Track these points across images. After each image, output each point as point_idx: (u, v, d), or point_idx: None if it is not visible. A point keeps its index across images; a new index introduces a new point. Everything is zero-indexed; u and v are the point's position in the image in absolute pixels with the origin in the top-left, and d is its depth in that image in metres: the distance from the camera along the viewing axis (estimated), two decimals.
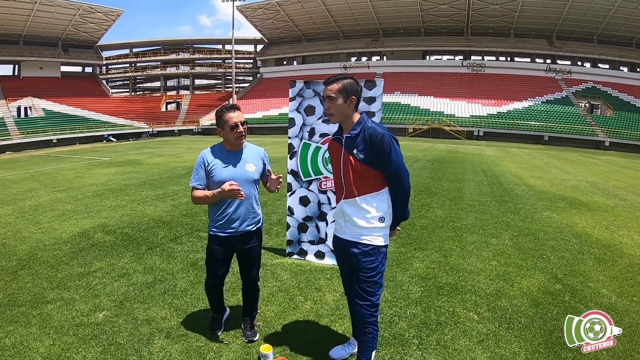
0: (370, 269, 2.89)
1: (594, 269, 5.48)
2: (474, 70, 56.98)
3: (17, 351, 3.43)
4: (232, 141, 3.33)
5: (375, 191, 2.88)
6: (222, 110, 3.34)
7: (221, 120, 3.32)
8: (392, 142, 2.80)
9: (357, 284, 2.93)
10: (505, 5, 50.84)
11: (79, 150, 30.92)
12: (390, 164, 2.79)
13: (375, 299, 2.94)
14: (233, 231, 3.38)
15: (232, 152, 3.39)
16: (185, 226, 7.41)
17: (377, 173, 2.85)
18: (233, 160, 3.35)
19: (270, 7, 58.87)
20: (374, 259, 2.90)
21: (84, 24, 56.70)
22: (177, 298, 4.40)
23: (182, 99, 64.04)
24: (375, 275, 2.91)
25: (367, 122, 2.88)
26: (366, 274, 2.89)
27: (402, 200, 2.92)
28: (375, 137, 2.77)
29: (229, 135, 3.30)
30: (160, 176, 14.00)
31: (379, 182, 2.88)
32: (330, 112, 2.91)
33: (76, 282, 4.86)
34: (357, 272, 2.93)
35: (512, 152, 28.06)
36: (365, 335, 2.98)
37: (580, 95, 50.06)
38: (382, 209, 2.89)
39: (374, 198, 2.88)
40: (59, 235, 6.94)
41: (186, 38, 71.25)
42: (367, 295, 2.91)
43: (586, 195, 11.15)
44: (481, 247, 6.32)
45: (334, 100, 2.86)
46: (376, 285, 2.93)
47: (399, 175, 2.82)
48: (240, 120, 3.30)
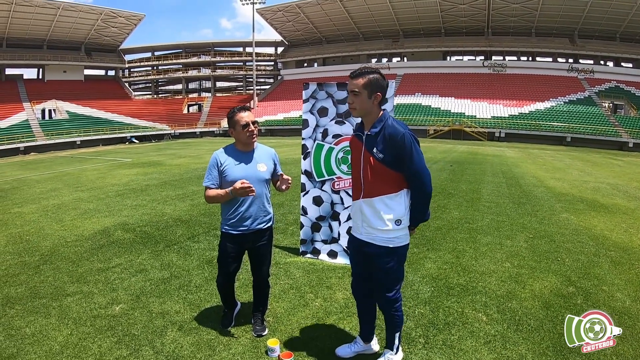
0: (388, 268, 2.92)
1: (609, 272, 5.38)
2: (495, 71, 56.24)
3: (37, 340, 3.61)
4: (243, 140, 3.43)
5: (393, 192, 2.83)
6: (233, 111, 3.43)
7: (232, 121, 3.41)
8: (413, 142, 2.74)
9: (379, 282, 3.01)
10: (525, 4, 50.00)
11: (102, 152, 31.55)
12: (411, 165, 2.73)
13: (393, 293, 3.00)
14: (245, 229, 3.48)
15: (244, 152, 3.48)
16: (202, 225, 7.57)
17: (396, 174, 2.80)
18: (245, 160, 3.45)
19: (289, 10, 59.10)
20: (389, 260, 2.90)
21: (106, 28, 57.78)
22: (192, 293, 4.54)
23: (204, 101, 64.72)
24: (394, 273, 2.95)
25: (388, 120, 2.81)
26: (382, 273, 2.95)
27: (422, 202, 2.87)
28: (396, 136, 2.71)
29: (241, 135, 3.39)
30: (180, 177, 14.25)
31: (398, 183, 2.83)
32: (353, 107, 2.85)
33: (95, 277, 5.05)
34: (376, 272, 2.98)
35: (533, 153, 27.66)
36: (391, 319, 3.10)
37: (603, 95, 48.90)
38: (399, 212, 2.85)
39: (391, 200, 2.83)
40: (80, 232, 7.18)
41: (207, 41, 71.87)
42: (390, 286, 2.99)
43: (606, 198, 10.95)
44: (495, 248, 6.27)
45: (358, 95, 2.80)
46: (396, 281, 2.99)
47: (420, 177, 2.76)
48: (250, 119, 3.38)
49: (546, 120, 44.82)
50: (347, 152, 5.45)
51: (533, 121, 44.94)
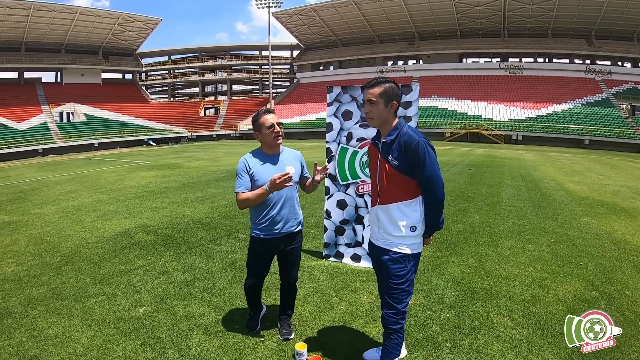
0: (399, 276, 2.89)
1: (632, 277, 5.31)
2: (511, 73, 55.68)
3: (60, 341, 3.61)
4: (269, 142, 3.40)
5: (409, 199, 2.86)
6: (257, 114, 3.42)
7: (258, 124, 3.40)
8: (427, 149, 2.76)
9: (386, 292, 2.95)
10: (541, 5, 49.40)
11: (120, 154, 31.86)
12: (424, 171, 2.75)
13: (402, 306, 2.93)
14: (276, 233, 3.46)
15: (271, 155, 3.47)
16: (224, 228, 7.57)
17: (411, 181, 2.82)
18: (273, 163, 3.44)
19: (305, 13, 59.21)
20: (403, 266, 2.89)
21: (124, 33, 58.35)
22: (216, 296, 4.52)
23: (220, 105, 65.08)
24: (403, 282, 2.90)
25: (403, 127, 2.85)
26: (395, 281, 2.89)
27: (434, 209, 2.88)
28: (410, 143, 2.74)
29: (267, 137, 3.38)
30: (199, 179, 14.31)
31: (413, 190, 2.85)
32: (370, 116, 2.89)
33: (118, 279, 5.06)
34: (386, 279, 2.93)
35: (551, 156, 27.31)
36: (388, 340, 2.98)
37: (621, 96, 47.93)
38: (414, 218, 2.87)
39: (407, 207, 2.86)
40: (101, 234, 7.22)
41: (223, 45, 72.33)
42: (395, 302, 2.91)
43: (627, 201, 10.78)
44: (517, 252, 6.22)
45: (375, 104, 2.83)
46: (404, 293, 2.92)
47: (432, 184, 2.78)
48: (275, 121, 3.37)
49: (563, 123, 44.18)
50: None
51: (550, 124, 44.34)
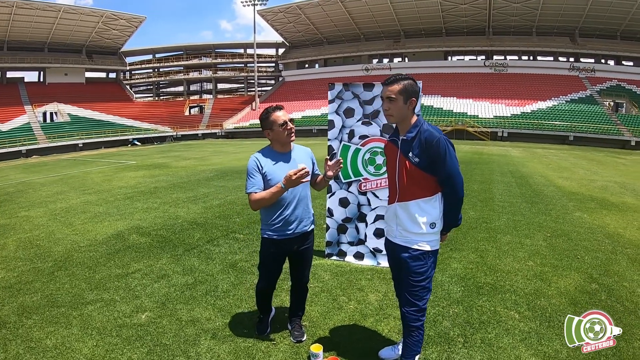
0: (419, 273, 2.86)
1: (627, 269, 5.49)
2: (496, 70, 56.14)
3: (60, 352, 3.44)
4: (283, 140, 3.28)
5: (428, 196, 2.84)
6: (267, 112, 3.28)
7: (268, 121, 3.26)
8: (448, 146, 2.75)
9: (406, 289, 2.92)
10: (526, 4, 49.87)
11: (105, 154, 31.40)
12: (445, 168, 2.73)
13: (423, 303, 2.91)
14: (290, 233, 3.35)
15: (283, 153, 3.35)
16: (220, 228, 7.43)
17: (431, 178, 2.80)
18: (286, 161, 3.32)
19: (291, 11, 58.94)
20: (424, 263, 2.86)
21: (107, 31, 57.50)
22: (220, 299, 4.40)
23: (205, 103, 64.50)
24: (424, 279, 2.88)
25: (423, 124, 2.83)
26: (415, 278, 2.86)
27: (454, 206, 2.87)
28: (431, 140, 2.72)
29: (280, 135, 3.25)
30: (188, 179, 14.13)
31: (433, 187, 2.83)
32: (390, 113, 2.86)
33: (115, 283, 4.89)
34: (406, 277, 2.90)
35: (537, 152, 27.61)
36: (410, 338, 2.95)
37: (604, 93, 48.75)
38: (433, 215, 2.85)
39: (426, 203, 2.84)
40: (93, 236, 7.02)
41: (208, 43, 71.68)
42: (415, 299, 2.89)
43: (615, 196, 11.05)
44: (516, 247, 6.33)
45: (395, 101, 2.81)
46: (424, 290, 2.90)
47: (453, 181, 2.76)
48: (287, 117, 3.26)
49: (548, 120, 44.65)
50: (373, 153, 5.38)
51: (535, 120, 44.77)
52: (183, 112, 61.69)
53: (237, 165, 18.18)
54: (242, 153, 25.91)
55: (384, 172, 5.33)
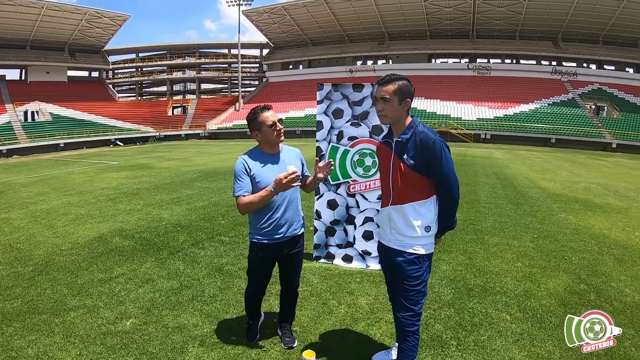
0: (415, 277, 2.81)
1: (614, 269, 5.60)
2: (479, 73, 56.73)
3: None
4: (272, 141, 3.19)
5: (424, 199, 2.80)
6: (255, 112, 3.18)
7: (257, 122, 3.16)
8: (444, 148, 2.72)
9: (401, 293, 2.86)
10: (510, 8, 50.56)
11: (87, 154, 30.90)
12: (441, 171, 2.70)
13: (418, 307, 2.85)
14: (280, 237, 3.25)
15: (271, 154, 3.25)
16: (205, 231, 7.30)
17: (426, 180, 2.76)
18: (275, 163, 3.22)
19: (275, 11, 58.85)
20: (419, 267, 2.82)
21: (91, 29, 56.81)
22: (207, 304, 4.28)
23: (189, 103, 64.01)
24: (419, 284, 2.83)
25: (418, 126, 2.79)
26: (410, 282, 2.81)
27: (450, 209, 2.84)
28: (427, 142, 2.68)
29: (269, 136, 3.16)
30: (172, 180, 13.92)
31: (428, 189, 2.79)
32: (384, 114, 2.80)
33: (98, 289, 4.73)
34: (401, 281, 2.85)
35: (520, 154, 27.89)
36: (405, 343, 2.89)
37: (586, 97, 49.72)
38: (429, 218, 2.81)
39: (421, 206, 2.80)
40: (75, 239, 6.83)
41: (192, 42, 71.23)
42: (411, 304, 2.83)
43: (599, 197, 11.25)
44: (504, 249, 6.37)
45: (389, 101, 2.75)
46: (420, 294, 2.85)
47: (449, 184, 2.73)
48: (276, 118, 3.17)
49: (531, 122, 45.26)
50: (362, 155, 5.32)
51: (518, 123, 45.33)
52: (166, 112, 61.16)
53: (221, 167, 18.01)
54: (226, 154, 25.72)
55: (373, 174, 5.28)
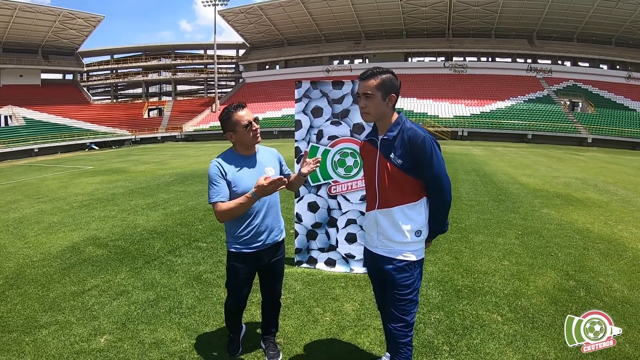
0: (406, 285, 2.61)
1: (601, 264, 5.60)
2: (456, 71, 57.47)
3: None
4: (247, 142, 2.97)
5: (413, 202, 2.60)
6: (228, 112, 2.94)
7: (231, 122, 2.92)
8: (434, 146, 2.53)
9: (391, 304, 2.66)
10: (486, 7, 51.38)
11: (62, 159, 30.25)
12: (431, 170, 2.51)
13: (410, 317, 2.65)
14: (260, 245, 3.04)
15: (247, 156, 3.03)
16: (181, 237, 7.05)
17: (415, 181, 2.57)
18: (251, 166, 3.00)
19: (252, 12, 58.66)
20: (410, 275, 2.62)
21: (64, 30, 55.99)
22: (185, 317, 4.06)
23: (165, 105, 63.32)
24: (411, 292, 2.63)
25: (405, 123, 2.59)
26: (401, 291, 2.61)
27: (442, 212, 2.64)
28: (416, 140, 2.49)
29: (245, 137, 2.93)
30: (148, 184, 13.60)
31: (417, 191, 2.60)
32: (367, 111, 2.60)
33: (71, 303, 4.45)
34: (391, 290, 2.66)
35: (498, 151, 28.23)
36: (398, 355, 2.67)
37: (561, 93, 50.93)
38: (419, 222, 2.61)
39: (410, 210, 2.60)
40: (47, 250, 6.52)
41: (167, 43, 70.48)
42: (402, 314, 2.62)
43: (579, 192, 11.36)
44: (489, 247, 6.29)
45: (372, 97, 2.55)
46: (411, 304, 2.65)
47: (440, 184, 2.54)
48: (251, 117, 2.94)
49: (507, 119, 45.98)
50: (344, 155, 5.16)
51: (494, 120, 46.03)
52: (142, 114, 60.45)
53: (197, 169, 17.72)
54: (203, 156, 25.40)
55: (355, 174, 5.13)
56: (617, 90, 50.01)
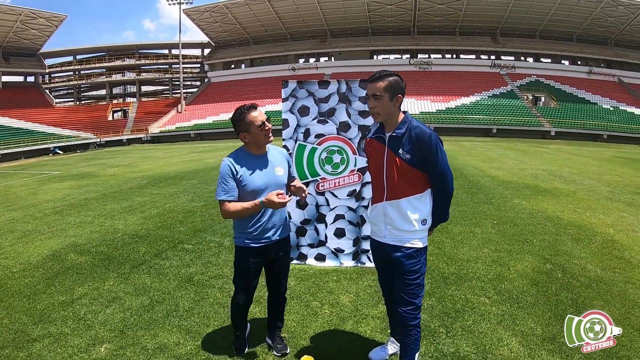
0: (414, 271, 2.83)
1: (574, 248, 6.01)
2: (421, 68, 58.33)
3: None
4: (261, 142, 3.04)
5: (419, 193, 2.82)
6: (242, 112, 2.99)
7: (244, 123, 2.98)
8: (439, 142, 2.75)
9: (401, 288, 2.86)
10: (450, 5, 52.47)
11: (26, 165, 29.28)
12: (436, 165, 2.74)
13: (419, 301, 2.87)
14: (267, 241, 3.12)
15: (259, 156, 3.10)
16: (165, 239, 6.94)
17: (421, 174, 2.78)
18: (262, 166, 3.07)
19: (217, 10, 58.12)
20: (417, 261, 2.84)
21: (26, 31, 54.43)
22: (184, 319, 4.01)
23: (129, 107, 62.01)
24: (418, 277, 2.85)
25: (412, 121, 2.80)
26: (410, 276, 2.82)
27: (445, 202, 2.89)
28: (423, 137, 2.70)
29: (259, 137, 3.01)
30: (119, 187, 13.31)
31: (422, 183, 2.82)
32: (376, 111, 2.80)
33: (61, 313, 4.27)
34: (400, 276, 2.86)
35: (465, 145, 28.73)
36: (409, 337, 2.90)
37: (524, 88, 52.50)
38: (424, 212, 2.85)
39: (417, 200, 2.82)
40: (26, 259, 6.25)
41: (131, 43, 69.13)
42: (412, 298, 2.84)
43: (547, 183, 11.86)
44: (469, 236, 6.61)
45: (380, 98, 2.74)
46: (419, 287, 2.87)
47: (444, 177, 2.78)
48: (264, 117, 3.01)
49: (472, 114, 47.00)
50: (330, 152, 5.22)
51: (460, 115, 47.00)
52: (106, 116, 59.11)
53: (169, 171, 17.43)
54: (172, 158, 25.04)
55: (341, 171, 5.20)
56: (578, 85, 52.02)
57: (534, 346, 3.48)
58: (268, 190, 3.00)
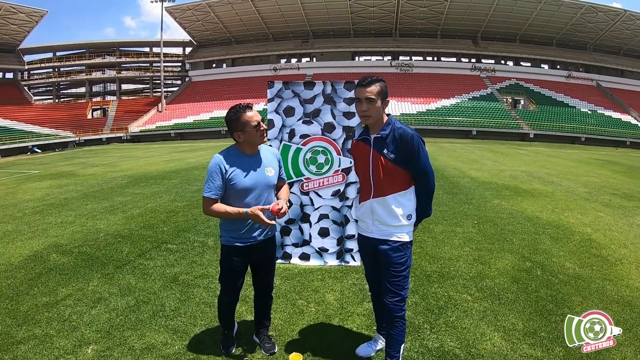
0: (400, 263, 2.97)
1: (553, 247, 6.24)
2: (402, 70, 58.80)
3: None
4: (256, 141, 3.09)
5: (404, 190, 2.99)
6: (237, 112, 3.00)
7: (240, 122, 2.99)
8: (420, 142, 2.92)
9: (388, 280, 3.00)
10: (432, 8, 53.05)
11: (3, 164, 28.63)
12: (419, 163, 2.91)
13: (405, 292, 3.02)
14: (253, 240, 3.16)
15: (250, 156, 3.12)
16: (148, 239, 6.91)
17: (405, 172, 2.96)
18: (253, 165, 3.10)
19: (200, 9, 57.80)
20: (403, 254, 2.98)
21: (5, 26, 53.42)
22: (171, 319, 4.01)
23: (109, 105, 61.18)
24: (405, 269, 2.99)
25: (395, 123, 2.97)
26: (396, 268, 2.97)
27: (427, 198, 3.07)
28: (406, 137, 2.88)
29: (254, 137, 3.04)
30: (100, 187, 13.15)
31: (407, 181, 2.99)
32: (369, 114, 2.93)
33: (45, 314, 4.20)
34: (387, 269, 2.99)
35: (445, 147, 29.07)
36: (394, 329, 3.02)
37: (504, 91, 53.44)
38: (409, 207, 3.01)
39: (402, 197, 2.99)
40: (7, 260, 6.14)
41: (112, 41, 68.41)
42: (398, 289, 2.98)
43: (525, 184, 12.12)
44: (450, 236, 6.78)
45: (374, 102, 2.90)
46: (405, 280, 3.01)
47: (426, 175, 2.96)
48: (259, 117, 3.04)
49: (452, 116, 47.62)
50: (315, 153, 5.24)
51: (440, 117, 47.55)
52: (85, 115, 58.23)
53: (150, 171, 17.28)
54: (153, 157, 24.80)
55: (326, 171, 5.22)
56: (557, 89, 53.22)
57: (515, 340, 3.60)
58: (257, 190, 3.05)
